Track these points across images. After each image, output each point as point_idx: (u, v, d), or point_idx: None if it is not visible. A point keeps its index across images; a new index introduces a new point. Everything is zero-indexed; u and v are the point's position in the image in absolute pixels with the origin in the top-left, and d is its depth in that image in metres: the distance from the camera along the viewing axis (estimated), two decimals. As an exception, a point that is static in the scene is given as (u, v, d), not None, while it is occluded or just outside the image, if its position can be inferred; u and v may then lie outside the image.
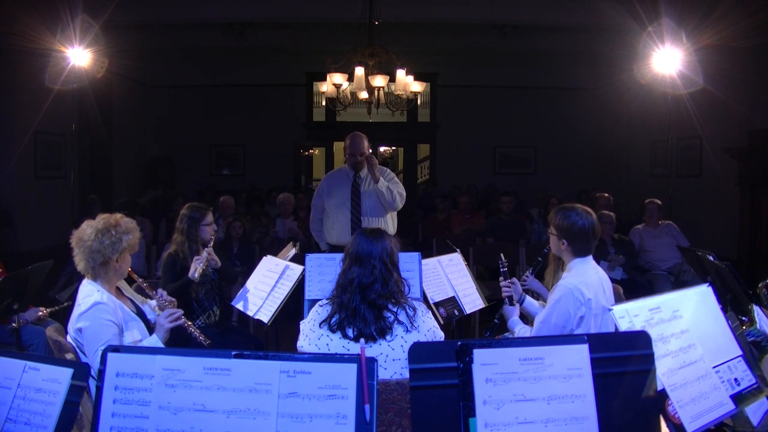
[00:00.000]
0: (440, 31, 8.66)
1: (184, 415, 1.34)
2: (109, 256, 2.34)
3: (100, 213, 2.47)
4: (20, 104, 6.67)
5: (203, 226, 3.46)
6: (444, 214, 7.38)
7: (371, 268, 2.18)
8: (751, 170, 6.52)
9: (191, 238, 3.43)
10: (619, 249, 5.26)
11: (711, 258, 3.31)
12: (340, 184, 4.36)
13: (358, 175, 4.33)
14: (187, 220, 3.46)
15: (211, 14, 7.47)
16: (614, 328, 1.56)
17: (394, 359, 2.09)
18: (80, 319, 2.27)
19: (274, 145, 11.12)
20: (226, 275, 3.59)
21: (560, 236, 2.61)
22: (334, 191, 4.36)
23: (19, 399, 1.45)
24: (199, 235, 3.45)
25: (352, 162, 4.29)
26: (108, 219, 2.39)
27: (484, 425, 1.32)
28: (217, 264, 3.38)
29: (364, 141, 4.31)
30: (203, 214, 3.48)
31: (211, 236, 3.46)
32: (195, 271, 3.21)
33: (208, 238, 3.45)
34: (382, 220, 4.32)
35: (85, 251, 2.34)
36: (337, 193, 4.34)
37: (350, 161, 4.31)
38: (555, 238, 2.65)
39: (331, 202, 4.35)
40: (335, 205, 4.33)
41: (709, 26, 5.48)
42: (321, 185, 4.53)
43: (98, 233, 2.34)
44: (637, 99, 8.01)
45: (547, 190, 8.67)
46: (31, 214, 6.71)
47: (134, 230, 2.44)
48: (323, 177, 4.72)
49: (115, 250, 2.35)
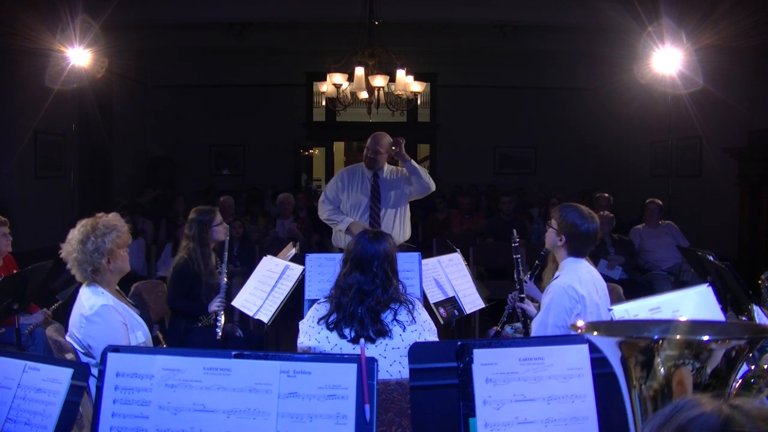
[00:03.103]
0: (440, 31, 8.66)
1: (184, 415, 1.34)
2: (98, 262, 2.30)
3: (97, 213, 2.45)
4: (20, 104, 6.67)
5: (215, 227, 3.46)
6: (444, 214, 7.38)
7: (372, 276, 2.18)
8: (751, 170, 6.52)
9: (203, 243, 3.42)
10: (619, 249, 5.27)
11: (711, 258, 3.31)
12: (356, 185, 4.16)
13: (376, 174, 4.16)
14: (196, 225, 3.44)
15: (211, 14, 7.46)
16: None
17: (394, 348, 2.13)
18: (88, 321, 2.24)
19: (274, 145, 11.12)
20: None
21: (560, 231, 2.59)
22: (350, 191, 4.16)
23: (19, 399, 1.45)
24: (212, 237, 3.45)
25: (369, 160, 4.12)
26: (86, 225, 2.34)
27: (484, 425, 1.32)
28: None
29: (383, 138, 4.12)
30: (212, 215, 3.48)
31: (225, 236, 3.46)
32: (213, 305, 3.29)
33: (222, 239, 3.45)
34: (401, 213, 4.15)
35: (74, 263, 2.32)
36: (353, 194, 4.15)
37: (368, 159, 4.13)
38: (554, 233, 2.62)
39: (346, 205, 4.17)
40: (350, 206, 4.15)
41: (709, 26, 5.48)
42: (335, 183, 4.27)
43: (79, 243, 2.30)
44: (637, 99, 8.00)
45: (547, 190, 8.67)
46: (31, 214, 6.71)
47: (116, 227, 2.36)
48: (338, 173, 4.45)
49: (101, 254, 2.30)
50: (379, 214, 4.11)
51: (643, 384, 0.95)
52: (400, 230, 4.19)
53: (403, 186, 4.14)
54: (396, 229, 4.13)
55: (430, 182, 4.08)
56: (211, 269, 3.45)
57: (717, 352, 0.93)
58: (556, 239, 2.61)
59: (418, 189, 4.09)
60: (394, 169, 4.25)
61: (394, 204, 4.13)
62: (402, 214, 4.20)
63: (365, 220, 4.09)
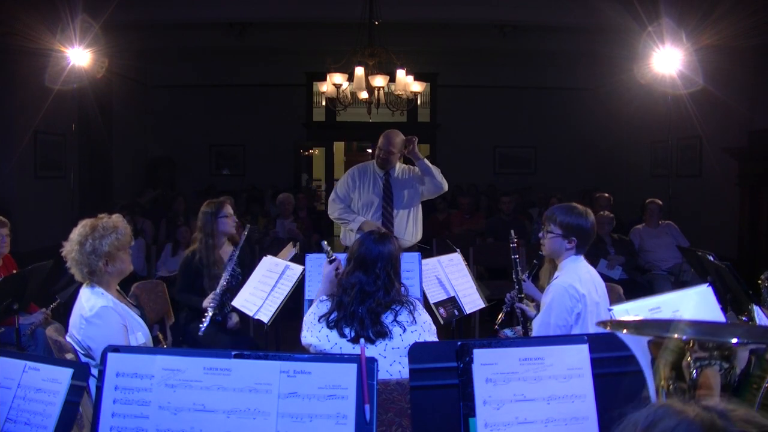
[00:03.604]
0: (440, 31, 8.66)
1: (184, 415, 1.34)
2: (95, 264, 2.30)
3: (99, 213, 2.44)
4: (20, 104, 6.67)
5: (221, 218, 3.48)
6: (444, 214, 7.38)
7: (375, 277, 2.18)
8: (751, 170, 6.52)
9: (208, 233, 3.45)
10: (619, 249, 5.26)
11: (711, 258, 3.31)
12: (367, 184, 4.06)
13: (388, 173, 4.06)
14: (203, 216, 3.49)
15: (211, 14, 7.46)
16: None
17: (394, 348, 2.13)
18: (88, 322, 2.24)
19: (274, 145, 11.12)
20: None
21: (568, 234, 2.54)
22: (362, 190, 4.06)
23: (19, 399, 1.45)
24: (218, 229, 3.47)
25: (381, 160, 4.01)
26: (85, 225, 2.34)
27: (484, 425, 1.32)
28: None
29: (395, 137, 4.00)
30: (219, 207, 3.51)
31: (232, 228, 3.48)
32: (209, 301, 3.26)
33: (229, 230, 3.48)
34: (413, 213, 4.07)
35: (72, 263, 2.32)
36: (364, 193, 4.05)
37: (380, 159, 4.03)
38: (559, 238, 2.56)
39: (357, 204, 4.07)
40: (361, 206, 4.05)
41: (709, 26, 5.48)
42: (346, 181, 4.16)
43: (77, 244, 2.30)
44: (637, 99, 8.00)
45: (547, 190, 8.67)
46: (31, 214, 6.71)
47: (115, 230, 2.35)
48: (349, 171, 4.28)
49: (98, 256, 2.30)
50: (391, 214, 4.03)
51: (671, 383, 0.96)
52: (414, 231, 4.13)
53: (415, 185, 4.06)
54: (409, 230, 4.07)
55: (443, 182, 4.01)
56: (216, 260, 3.46)
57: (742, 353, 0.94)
58: (564, 243, 2.55)
59: (430, 189, 4.03)
60: (405, 168, 4.16)
61: (407, 204, 4.06)
62: (415, 214, 4.13)
63: (377, 219, 4.01)
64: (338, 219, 4.12)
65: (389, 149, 3.99)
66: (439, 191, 4.08)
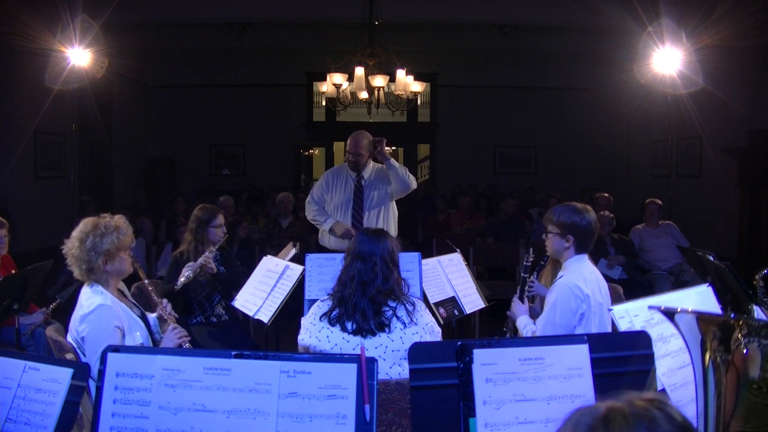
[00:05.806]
0: (440, 31, 8.66)
1: (184, 415, 1.34)
2: (94, 261, 2.29)
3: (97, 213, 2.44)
4: (20, 104, 6.67)
5: (212, 227, 3.46)
6: (444, 214, 7.38)
7: (372, 265, 2.22)
8: (751, 170, 6.52)
9: (198, 239, 3.44)
10: (619, 249, 5.26)
11: (711, 258, 3.31)
12: (340, 186, 4.13)
13: (360, 175, 4.09)
14: (196, 221, 3.46)
15: (211, 14, 7.47)
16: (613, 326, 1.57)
17: (393, 350, 2.14)
18: (83, 320, 2.25)
19: (274, 145, 11.12)
20: (226, 282, 3.52)
21: (565, 233, 2.55)
22: (334, 192, 4.14)
23: (19, 399, 1.45)
24: (207, 237, 3.45)
25: (351, 162, 4.07)
26: (87, 223, 2.34)
27: (484, 425, 1.32)
28: (213, 271, 3.33)
29: (362, 139, 4.04)
30: (213, 215, 3.48)
31: (220, 238, 3.46)
32: (182, 276, 3.20)
33: (217, 240, 3.44)
34: (383, 213, 4.10)
35: (72, 259, 2.32)
36: (336, 195, 4.12)
37: (350, 162, 4.08)
38: (557, 237, 2.57)
39: (330, 205, 4.13)
40: (334, 207, 4.11)
41: (709, 26, 5.48)
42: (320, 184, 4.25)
43: (78, 240, 2.30)
44: (637, 99, 8.01)
45: (547, 190, 8.67)
46: (31, 214, 6.71)
47: (116, 230, 2.34)
48: (324, 174, 4.41)
49: (98, 254, 2.29)
50: (361, 214, 4.07)
51: (719, 356, 1.11)
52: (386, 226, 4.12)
53: (385, 186, 4.08)
54: None
55: (410, 181, 4.01)
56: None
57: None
58: (562, 242, 2.56)
59: (397, 188, 4.03)
60: (377, 168, 4.17)
61: (377, 204, 4.08)
62: (385, 213, 4.14)
63: (348, 220, 4.05)
64: (313, 220, 4.19)
65: (357, 151, 4.01)
66: (407, 190, 4.09)
